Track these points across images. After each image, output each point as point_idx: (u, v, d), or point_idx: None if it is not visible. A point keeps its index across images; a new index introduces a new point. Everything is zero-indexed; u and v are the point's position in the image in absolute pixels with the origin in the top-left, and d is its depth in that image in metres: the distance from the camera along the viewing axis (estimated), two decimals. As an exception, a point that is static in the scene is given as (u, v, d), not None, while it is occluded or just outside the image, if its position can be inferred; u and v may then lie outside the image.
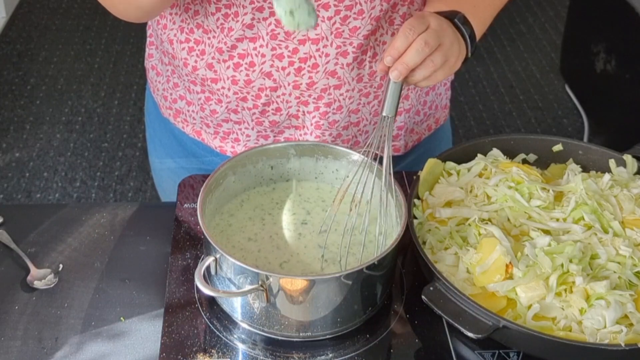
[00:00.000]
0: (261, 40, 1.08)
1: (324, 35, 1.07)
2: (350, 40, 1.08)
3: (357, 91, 1.13)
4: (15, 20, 3.79)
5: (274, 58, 1.09)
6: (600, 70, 2.87)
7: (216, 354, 0.91)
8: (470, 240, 0.99)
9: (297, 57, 1.08)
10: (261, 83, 1.11)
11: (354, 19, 1.06)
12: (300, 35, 1.06)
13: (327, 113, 1.14)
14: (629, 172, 1.11)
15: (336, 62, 1.09)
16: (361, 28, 1.07)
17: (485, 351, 0.93)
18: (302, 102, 1.13)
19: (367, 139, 1.20)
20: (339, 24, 1.06)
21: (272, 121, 1.16)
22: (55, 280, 1.03)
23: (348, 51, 1.09)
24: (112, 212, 1.15)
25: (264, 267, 0.96)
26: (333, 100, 1.13)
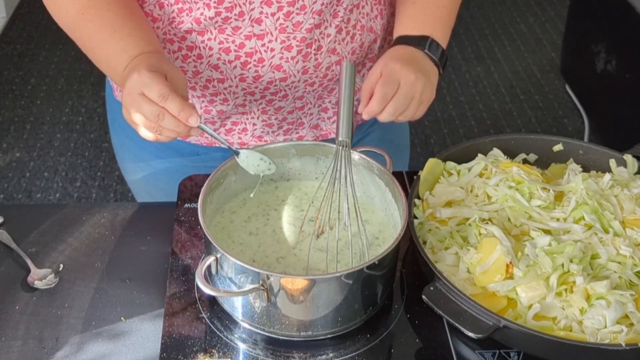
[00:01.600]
0: (209, 33, 1.10)
1: (269, 31, 1.10)
2: (294, 35, 1.11)
3: (302, 82, 1.16)
4: (15, 20, 3.79)
5: (221, 52, 1.11)
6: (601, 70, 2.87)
7: (217, 354, 0.91)
8: (470, 240, 0.99)
9: (243, 51, 1.11)
10: (208, 75, 1.14)
11: (296, 14, 1.09)
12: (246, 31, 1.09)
13: (273, 100, 1.18)
14: (629, 172, 1.11)
15: (281, 56, 1.12)
16: (304, 22, 1.10)
17: (486, 351, 0.93)
18: (248, 92, 1.16)
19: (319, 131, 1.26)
20: (282, 20, 1.09)
21: (219, 110, 1.19)
22: (56, 280, 1.03)
23: (292, 45, 1.11)
24: (113, 212, 1.15)
25: (261, 260, 0.96)
26: (279, 90, 1.16)
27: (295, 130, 1.25)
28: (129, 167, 1.37)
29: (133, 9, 1.06)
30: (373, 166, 1.03)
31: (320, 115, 1.25)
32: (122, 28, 1.03)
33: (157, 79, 0.92)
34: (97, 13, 1.04)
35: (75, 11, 1.06)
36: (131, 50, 1.00)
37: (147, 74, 0.93)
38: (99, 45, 1.05)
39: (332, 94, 1.23)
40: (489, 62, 3.61)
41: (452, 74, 3.50)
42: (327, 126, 1.27)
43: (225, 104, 1.18)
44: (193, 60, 1.13)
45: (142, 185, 1.36)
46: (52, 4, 1.10)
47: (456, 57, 3.63)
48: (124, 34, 1.02)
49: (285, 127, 1.24)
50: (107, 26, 1.03)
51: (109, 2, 1.04)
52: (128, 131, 1.31)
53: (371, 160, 1.03)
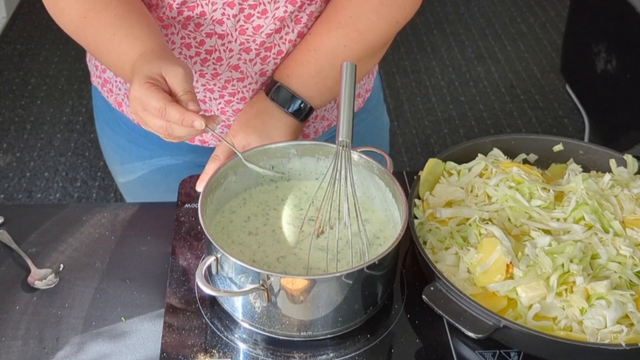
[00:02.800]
0: (172, 28, 1.12)
1: (229, 32, 1.11)
2: (254, 38, 1.12)
3: (260, 84, 1.17)
4: (16, 20, 3.79)
5: (182, 47, 1.13)
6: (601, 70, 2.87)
7: (217, 354, 0.91)
8: (470, 240, 0.99)
9: (203, 48, 1.12)
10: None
11: (257, 17, 1.10)
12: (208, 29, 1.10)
13: (231, 102, 1.19)
14: (629, 172, 1.11)
15: (239, 57, 1.14)
16: (264, 27, 1.11)
17: (486, 351, 0.93)
18: (208, 89, 1.17)
19: None
20: (242, 22, 1.10)
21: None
22: (56, 280, 1.03)
23: (251, 48, 1.13)
24: (113, 212, 1.15)
25: (261, 260, 0.96)
26: (236, 91, 1.17)
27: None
28: (119, 169, 1.37)
29: (133, 4, 1.06)
30: (373, 166, 1.03)
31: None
32: (121, 28, 1.02)
33: (152, 92, 0.91)
34: (96, 16, 1.04)
35: (77, 16, 1.06)
36: (130, 53, 1.00)
37: (141, 90, 0.92)
38: (102, 49, 1.05)
39: None
40: (489, 62, 3.61)
41: (452, 74, 3.50)
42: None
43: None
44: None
45: (134, 187, 1.36)
46: (55, 10, 1.10)
47: (456, 57, 3.63)
48: (122, 34, 1.02)
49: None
50: (106, 29, 1.03)
51: (107, 3, 1.04)
52: (118, 135, 1.31)
53: (371, 160, 1.03)
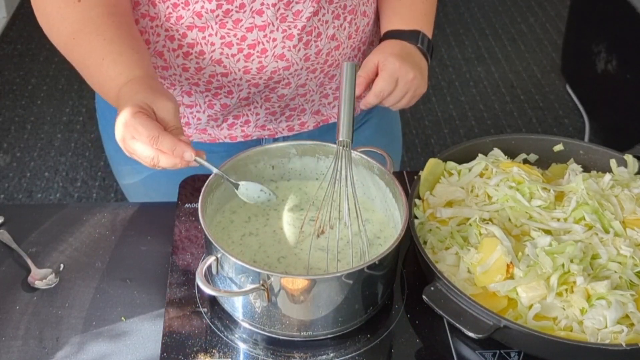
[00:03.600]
0: (210, 29, 1.11)
1: (270, 21, 1.11)
2: (295, 23, 1.12)
3: (304, 69, 1.18)
4: (16, 20, 3.79)
5: (224, 46, 1.12)
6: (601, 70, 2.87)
7: (217, 354, 0.91)
8: (471, 240, 0.99)
9: (245, 44, 1.12)
10: (212, 70, 1.15)
11: (296, 2, 1.11)
12: (247, 24, 1.10)
13: (276, 88, 1.19)
14: (629, 172, 1.11)
15: (283, 45, 1.13)
16: (304, 11, 1.12)
17: (486, 351, 0.93)
18: (252, 84, 1.17)
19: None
20: (283, 10, 1.10)
21: (223, 104, 1.20)
22: (56, 280, 1.03)
23: (293, 34, 1.13)
24: (113, 212, 1.15)
25: (262, 261, 0.96)
26: (282, 79, 1.17)
27: (297, 116, 1.26)
28: (124, 170, 1.36)
29: (123, 29, 1.05)
30: (373, 166, 1.03)
31: (322, 101, 1.26)
32: (110, 54, 1.02)
33: (145, 121, 0.91)
34: (86, 38, 1.03)
35: (66, 35, 1.06)
36: (118, 79, 1.00)
37: (134, 119, 0.91)
38: (90, 72, 1.05)
39: (333, 81, 1.24)
40: (489, 62, 3.61)
41: (452, 74, 3.50)
42: (328, 111, 1.29)
43: (229, 96, 1.19)
44: (195, 56, 1.14)
45: (139, 188, 1.36)
46: (46, 25, 1.09)
47: (457, 57, 3.63)
48: (111, 60, 1.01)
49: (287, 113, 1.25)
50: (96, 52, 1.02)
51: (98, 25, 1.03)
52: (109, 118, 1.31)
53: (372, 160, 1.03)
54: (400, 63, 1.11)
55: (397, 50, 1.14)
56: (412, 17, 1.21)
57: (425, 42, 1.19)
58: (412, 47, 1.17)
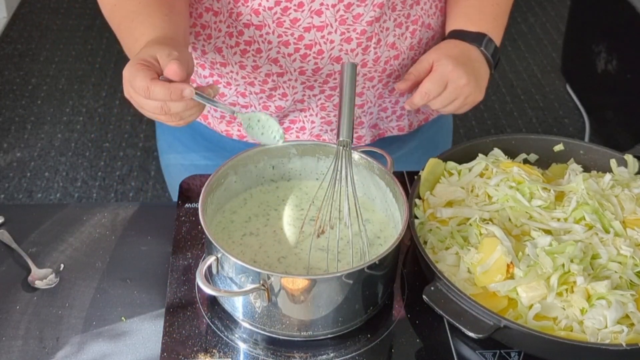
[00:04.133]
0: (267, 27, 1.10)
1: (329, 23, 1.09)
2: (354, 27, 1.10)
3: (361, 75, 1.15)
4: (16, 20, 3.79)
5: (280, 45, 1.11)
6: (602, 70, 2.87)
7: (217, 354, 0.91)
8: (471, 240, 0.99)
9: (302, 44, 1.10)
10: (268, 69, 1.13)
11: (357, 6, 1.08)
12: (305, 24, 1.09)
13: (332, 96, 1.17)
14: (630, 172, 1.11)
15: (340, 48, 1.11)
16: (364, 15, 1.09)
17: (487, 351, 0.93)
18: (307, 87, 1.15)
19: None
20: (342, 11, 1.08)
21: (278, 106, 1.19)
22: (57, 280, 1.03)
23: (352, 37, 1.11)
24: (113, 212, 1.15)
25: (263, 261, 0.96)
26: (338, 85, 1.15)
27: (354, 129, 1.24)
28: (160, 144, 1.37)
29: None
30: (374, 166, 1.03)
31: (380, 114, 1.24)
32: (139, 15, 1.01)
33: (138, 71, 0.89)
34: (124, 3, 1.03)
35: (109, 3, 1.06)
36: (141, 40, 0.98)
37: (129, 70, 0.90)
38: (122, 35, 1.04)
39: (393, 94, 1.22)
40: (489, 62, 3.61)
41: (452, 74, 3.50)
42: (385, 125, 1.27)
43: (284, 99, 1.18)
44: (252, 54, 1.13)
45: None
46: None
47: (457, 57, 3.63)
48: (139, 22, 1.01)
49: None
50: (129, 16, 1.02)
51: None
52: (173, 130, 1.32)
53: (372, 160, 1.03)
54: (453, 66, 1.06)
55: (456, 53, 1.09)
56: (480, 19, 1.14)
57: (490, 48, 1.13)
58: (474, 51, 1.12)
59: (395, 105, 1.25)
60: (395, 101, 1.24)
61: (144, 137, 3.03)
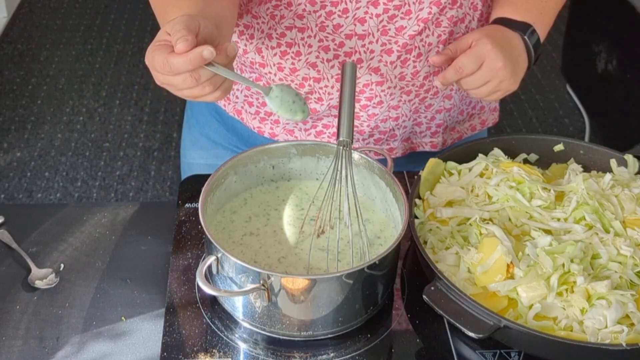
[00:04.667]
0: (309, 31, 1.09)
1: (371, 32, 1.08)
2: (396, 39, 1.09)
3: (398, 89, 1.15)
4: (16, 20, 3.79)
5: (320, 50, 1.10)
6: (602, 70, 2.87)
7: (217, 354, 0.91)
8: (471, 240, 0.99)
9: (342, 50, 1.10)
10: (305, 73, 1.13)
11: (400, 18, 1.08)
12: (347, 31, 1.08)
13: (367, 106, 1.16)
14: (630, 172, 1.11)
15: (380, 59, 1.11)
16: (407, 28, 1.09)
17: (487, 351, 0.93)
18: None
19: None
20: (385, 22, 1.08)
21: (312, 109, 1.18)
22: (57, 280, 1.03)
23: (392, 49, 1.10)
24: (114, 212, 1.15)
25: (263, 261, 0.96)
26: (374, 95, 1.14)
27: (386, 141, 1.23)
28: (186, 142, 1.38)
29: None
30: (374, 166, 1.03)
31: (414, 129, 1.23)
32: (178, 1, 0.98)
33: (153, 52, 0.87)
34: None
35: None
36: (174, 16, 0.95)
37: (148, 57, 0.88)
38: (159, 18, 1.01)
39: (429, 110, 1.20)
40: (489, 62, 3.60)
41: (452, 74, 3.50)
42: (418, 140, 1.26)
43: (319, 103, 1.17)
44: (291, 57, 1.12)
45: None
46: None
47: (457, 57, 3.63)
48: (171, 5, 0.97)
49: (376, 135, 1.21)
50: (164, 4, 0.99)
51: None
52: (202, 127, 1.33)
53: (372, 160, 1.03)
54: (492, 46, 1.04)
55: (498, 35, 1.07)
56: (527, 10, 1.12)
57: (533, 39, 1.10)
58: (516, 38, 1.09)
59: (430, 121, 1.23)
60: (431, 117, 1.22)
61: (144, 137, 3.02)
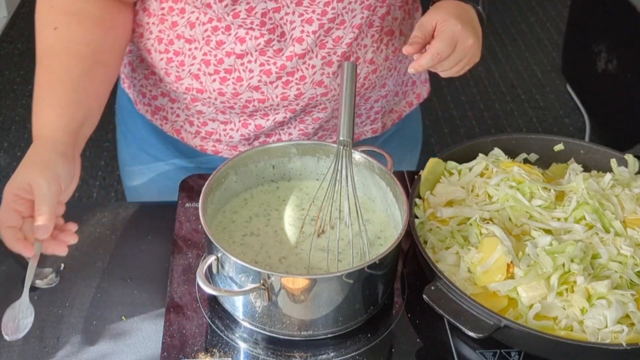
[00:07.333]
0: (249, 56, 1.09)
1: (310, 49, 1.09)
2: (335, 50, 1.10)
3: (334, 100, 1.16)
4: (16, 20, 3.79)
5: (262, 74, 1.10)
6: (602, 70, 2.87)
7: (217, 353, 0.91)
8: (471, 240, 0.99)
9: (284, 72, 1.10)
10: (249, 96, 1.13)
11: (336, 29, 1.09)
12: (288, 53, 1.08)
13: (312, 112, 1.17)
14: (630, 172, 1.11)
15: (322, 72, 1.11)
16: (344, 37, 1.10)
17: (487, 351, 0.93)
18: (289, 109, 1.15)
19: None
20: (322, 36, 1.08)
21: (257, 124, 1.18)
22: (57, 280, 1.03)
23: (333, 60, 1.11)
24: (114, 212, 1.15)
25: (264, 261, 0.96)
26: (319, 103, 1.15)
27: (329, 136, 1.25)
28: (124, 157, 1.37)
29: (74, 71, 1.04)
30: (374, 166, 1.03)
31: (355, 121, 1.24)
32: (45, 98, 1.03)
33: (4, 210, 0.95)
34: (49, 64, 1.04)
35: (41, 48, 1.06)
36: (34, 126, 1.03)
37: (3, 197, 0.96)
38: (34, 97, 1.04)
39: (368, 102, 1.22)
40: (490, 61, 3.61)
41: (453, 74, 3.50)
42: (360, 129, 1.27)
43: (265, 118, 1.17)
44: (232, 82, 1.11)
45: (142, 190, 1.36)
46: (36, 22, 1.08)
47: (457, 57, 3.63)
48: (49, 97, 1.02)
49: (320, 134, 1.23)
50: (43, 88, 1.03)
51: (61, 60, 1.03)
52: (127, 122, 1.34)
53: (372, 160, 1.03)
54: (461, 26, 1.04)
55: (459, 12, 1.07)
56: None
57: (486, 6, 1.12)
58: (471, 10, 1.10)
59: (369, 111, 1.25)
60: (369, 107, 1.24)
61: (144, 137, 3.02)
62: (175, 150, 1.29)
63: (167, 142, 1.29)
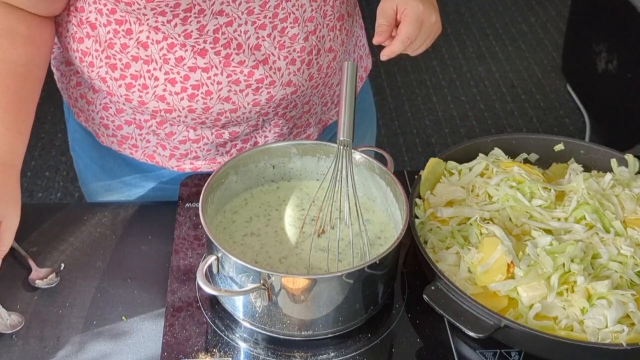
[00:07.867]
0: (215, 69, 1.07)
1: (270, 52, 1.08)
2: (294, 47, 1.10)
3: (309, 88, 1.16)
4: None
5: (231, 84, 1.09)
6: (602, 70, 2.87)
7: (218, 353, 0.91)
8: (471, 240, 0.99)
9: (253, 79, 1.09)
10: (220, 108, 1.11)
11: (291, 27, 1.08)
12: (252, 62, 1.08)
13: (284, 113, 1.17)
14: (630, 172, 1.11)
15: (288, 71, 1.11)
16: (300, 33, 1.09)
17: (487, 350, 0.93)
18: (262, 114, 1.15)
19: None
20: (278, 37, 1.08)
21: (232, 132, 1.17)
22: (57, 280, 1.03)
23: (295, 58, 1.11)
24: (114, 212, 1.15)
25: (264, 262, 0.96)
26: (289, 103, 1.15)
27: (303, 131, 1.25)
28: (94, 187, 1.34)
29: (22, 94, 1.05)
30: (374, 166, 1.03)
31: (323, 109, 1.25)
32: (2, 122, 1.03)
33: None
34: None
35: None
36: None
37: None
38: None
39: (332, 88, 1.23)
40: (490, 61, 3.61)
41: (453, 74, 3.50)
42: (327, 115, 1.28)
43: (238, 126, 1.16)
44: (202, 97, 1.09)
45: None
46: None
47: (457, 57, 3.63)
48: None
49: (294, 132, 1.24)
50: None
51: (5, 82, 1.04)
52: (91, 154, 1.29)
53: (372, 160, 1.03)
54: (423, 6, 1.06)
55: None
56: None
57: None
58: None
59: (333, 95, 1.25)
60: (333, 92, 1.24)
61: (144, 137, 3.02)
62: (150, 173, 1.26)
63: (141, 170, 1.26)
